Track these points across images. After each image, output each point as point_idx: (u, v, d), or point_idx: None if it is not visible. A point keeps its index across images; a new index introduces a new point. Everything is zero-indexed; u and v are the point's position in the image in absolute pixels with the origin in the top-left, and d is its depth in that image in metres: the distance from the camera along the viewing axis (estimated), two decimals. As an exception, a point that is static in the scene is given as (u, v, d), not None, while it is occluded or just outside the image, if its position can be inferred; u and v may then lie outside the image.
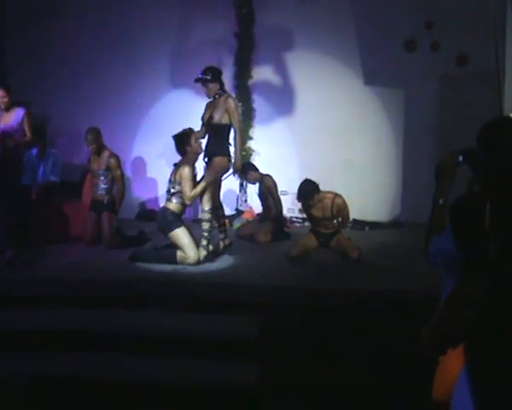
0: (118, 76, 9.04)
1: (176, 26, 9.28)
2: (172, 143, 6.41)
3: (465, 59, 8.63)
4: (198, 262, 6.14)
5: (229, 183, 8.98)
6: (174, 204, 6.27)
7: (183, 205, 6.29)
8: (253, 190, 8.77)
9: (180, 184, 6.22)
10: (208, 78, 6.54)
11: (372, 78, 9.04)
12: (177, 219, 6.24)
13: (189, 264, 6.09)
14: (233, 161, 6.65)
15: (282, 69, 9.34)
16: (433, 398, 1.79)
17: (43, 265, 6.11)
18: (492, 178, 2.38)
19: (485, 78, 7.99)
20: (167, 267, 5.99)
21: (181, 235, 6.18)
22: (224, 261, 6.40)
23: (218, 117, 6.50)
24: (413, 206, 8.27)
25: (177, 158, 6.46)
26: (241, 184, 8.93)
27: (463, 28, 8.30)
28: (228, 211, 9.09)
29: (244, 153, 9.19)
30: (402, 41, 8.83)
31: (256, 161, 8.91)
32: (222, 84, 6.67)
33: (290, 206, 8.80)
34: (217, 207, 6.68)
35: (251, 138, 9.32)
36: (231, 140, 6.65)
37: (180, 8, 9.21)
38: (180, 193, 6.24)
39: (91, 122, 7.99)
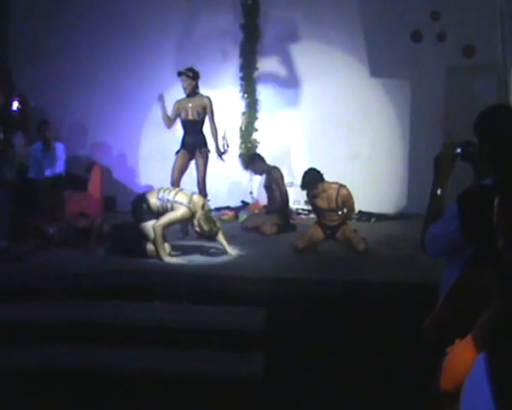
0: (123, 69, 9.04)
1: (181, 17, 9.28)
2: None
3: (472, 50, 8.59)
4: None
5: (235, 175, 9.03)
6: None
7: None
8: (259, 181, 8.79)
9: None
10: (189, 74, 7.17)
11: (378, 69, 9.01)
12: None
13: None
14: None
15: (287, 60, 9.33)
16: (441, 389, 1.79)
17: (48, 256, 6.13)
18: (491, 166, 2.38)
19: (492, 69, 7.96)
20: (173, 259, 6.01)
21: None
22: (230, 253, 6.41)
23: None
24: (419, 197, 8.13)
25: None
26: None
27: (470, 19, 8.27)
28: (234, 203, 9.13)
29: (249, 144, 9.23)
30: (408, 32, 8.81)
31: (261, 152, 8.90)
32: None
33: (296, 198, 8.80)
34: None
35: (256, 130, 9.33)
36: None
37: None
38: None
39: (96, 115, 8.02)
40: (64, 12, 9.05)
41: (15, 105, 6.35)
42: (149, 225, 6.02)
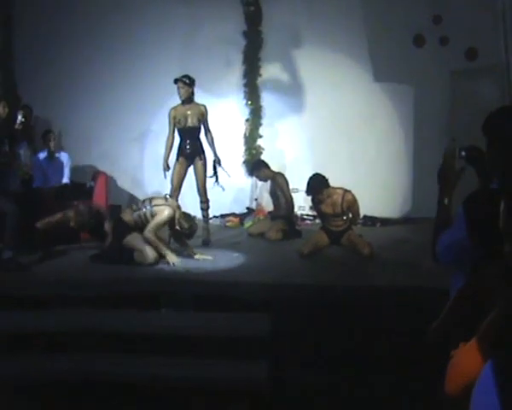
0: (126, 78, 9.05)
1: (184, 26, 9.29)
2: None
3: (474, 53, 8.59)
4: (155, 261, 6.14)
5: (240, 182, 9.03)
6: None
7: None
8: (264, 188, 8.78)
9: None
10: (186, 81, 7.08)
11: (381, 74, 9.01)
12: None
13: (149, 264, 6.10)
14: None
15: (290, 66, 9.33)
16: (445, 393, 1.78)
17: (54, 265, 6.15)
18: (498, 168, 2.37)
19: (495, 71, 7.96)
20: (179, 267, 6.02)
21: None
22: (236, 260, 6.41)
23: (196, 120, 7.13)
24: (424, 202, 8.19)
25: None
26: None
27: (472, 22, 8.26)
28: (239, 209, 9.13)
29: (254, 151, 9.24)
30: (411, 36, 8.81)
31: (266, 159, 8.90)
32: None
33: (301, 204, 8.80)
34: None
35: (260, 136, 9.33)
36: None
37: (187, 7, 9.22)
38: None
39: (100, 124, 7.99)
40: (68, 23, 9.08)
41: (20, 116, 6.36)
42: (132, 237, 6.16)
